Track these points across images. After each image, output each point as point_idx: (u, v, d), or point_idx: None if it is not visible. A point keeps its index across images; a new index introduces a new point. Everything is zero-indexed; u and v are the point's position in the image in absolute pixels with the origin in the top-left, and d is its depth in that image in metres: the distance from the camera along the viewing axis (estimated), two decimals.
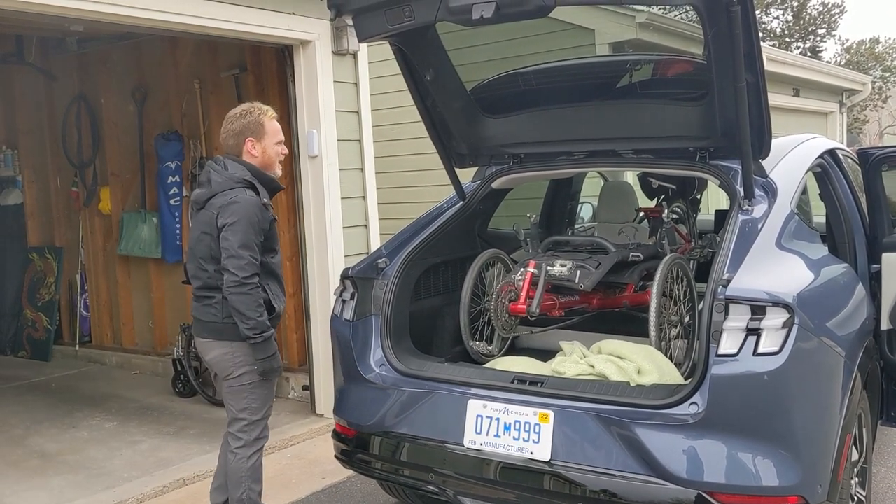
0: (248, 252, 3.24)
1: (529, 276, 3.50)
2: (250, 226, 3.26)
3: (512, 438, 3.00)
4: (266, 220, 3.33)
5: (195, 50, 6.47)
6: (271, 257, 3.42)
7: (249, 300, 3.23)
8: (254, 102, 3.52)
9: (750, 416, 2.69)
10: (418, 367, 3.37)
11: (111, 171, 7.28)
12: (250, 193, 3.31)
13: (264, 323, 3.28)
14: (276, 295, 3.43)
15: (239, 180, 3.33)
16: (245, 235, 3.24)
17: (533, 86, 3.74)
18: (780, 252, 3.05)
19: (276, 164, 3.50)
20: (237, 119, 3.42)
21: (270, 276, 3.41)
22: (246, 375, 3.39)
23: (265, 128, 3.42)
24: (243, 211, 3.26)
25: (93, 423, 5.73)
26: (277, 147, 3.48)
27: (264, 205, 3.32)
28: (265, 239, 3.35)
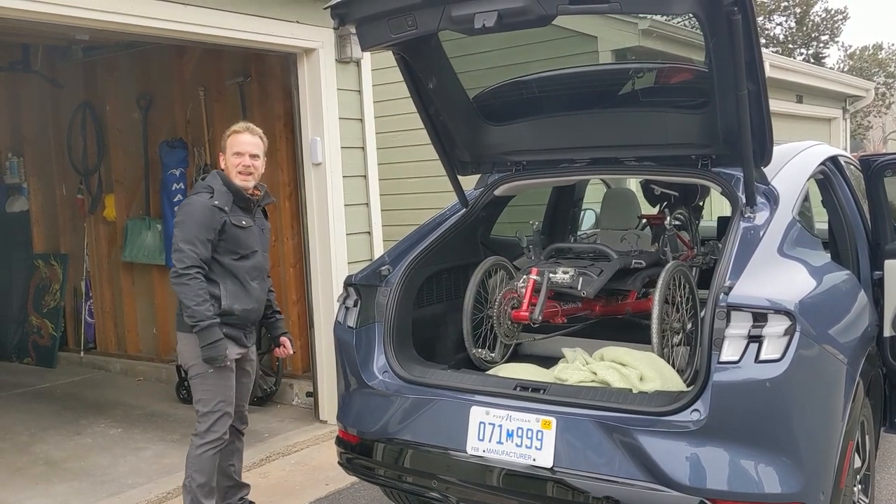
0: (189, 246, 3.53)
1: (532, 283, 3.51)
2: (195, 224, 3.56)
3: (515, 445, 3.01)
4: (217, 221, 3.60)
5: (200, 58, 6.50)
6: (234, 259, 3.69)
7: (187, 290, 3.52)
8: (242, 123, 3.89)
9: (752, 424, 2.69)
10: (421, 373, 3.38)
11: (116, 179, 7.31)
12: (204, 196, 3.64)
13: (202, 312, 3.51)
14: (233, 294, 3.67)
15: (205, 186, 3.69)
16: (188, 231, 3.55)
17: (535, 93, 3.75)
18: (781, 259, 3.05)
19: (233, 174, 3.72)
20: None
21: (229, 277, 3.68)
22: (195, 367, 3.66)
23: (226, 143, 3.76)
24: (190, 209, 3.62)
25: (97, 429, 5.75)
26: (233, 159, 3.73)
27: (216, 206, 3.60)
28: (223, 240, 3.63)
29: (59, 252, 7.91)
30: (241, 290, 3.71)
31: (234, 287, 3.69)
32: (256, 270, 3.81)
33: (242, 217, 3.75)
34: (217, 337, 3.56)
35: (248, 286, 3.73)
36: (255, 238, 3.82)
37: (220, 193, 3.68)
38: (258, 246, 3.84)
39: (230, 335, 3.69)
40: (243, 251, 3.73)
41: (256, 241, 3.83)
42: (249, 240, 3.77)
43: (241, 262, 3.72)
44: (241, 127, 3.81)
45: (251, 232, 3.79)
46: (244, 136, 3.76)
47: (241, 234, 3.71)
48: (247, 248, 3.75)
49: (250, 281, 3.76)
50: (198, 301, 3.53)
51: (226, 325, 3.65)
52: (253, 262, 3.79)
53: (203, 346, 3.56)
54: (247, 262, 3.75)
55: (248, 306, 3.74)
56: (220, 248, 3.65)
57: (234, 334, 3.73)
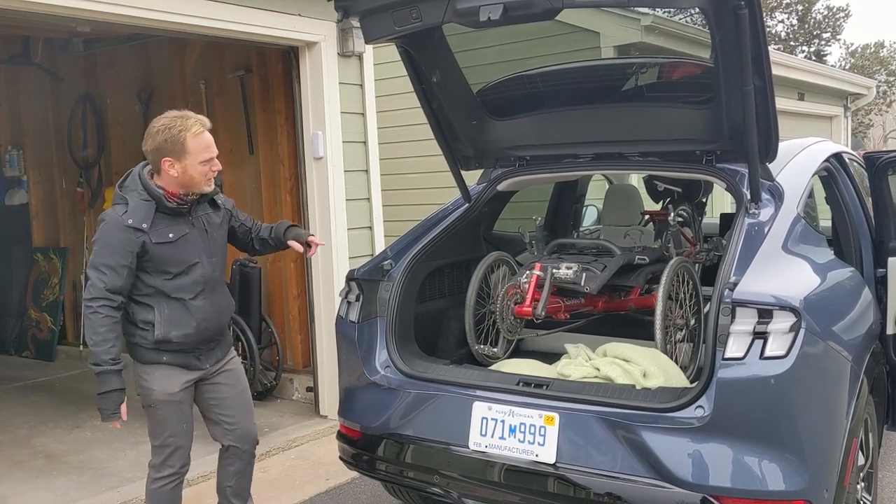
0: (96, 274, 3.03)
1: (535, 279, 3.50)
2: (105, 247, 3.04)
3: (517, 441, 2.99)
4: (131, 242, 3.04)
5: (201, 51, 6.47)
6: (167, 279, 3.14)
7: (87, 324, 3.05)
8: (183, 112, 3.17)
9: (756, 420, 2.68)
10: (423, 369, 3.37)
11: (116, 172, 7.26)
12: (117, 211, 3.08)
13: (98, 355, 3.02)
14: (170, 320, 3.14)
15: (122, 196, 3.13)
16: (96, 256, 3.06)
17: (539, 88, 3.73)
18: (786, 256, 3.04)
19: (201, 183, 3.17)
20: (155, 135, 3.10)
21: (164, 299, 3.15)
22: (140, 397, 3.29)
23: (186, 146, 3.09)
24: (101, 229, 3.08)
25: (97, 423, 5.66)
26: (203, 167, 3.14)
27: (129, 227, 3.04)
28: (147, 261, 3.10)
29: (58, 246, 7.89)
30: (181, 313, 3.17)
31: (170, 311, 3.15)
32: (199, 285, 3.22)
33: (170, 228, 3.14)
34: (110, 387, 3.05)
35: (189, 307, 3.18)
36: (193, 247, 3.21)
37: (137, 208, 3.07)
38: (200, 255, 3.23)
39: (173, 362, 3.21)
40: (177, 269, 3.16)
41: (196, 250, 3.22)
42: (184, 253, 3.18)
43: (178, 280, 3.16)
44: (198, 123, 3.14)
45: (187, 242, 3.19)
46: (207, 134, 3.16)
47: (169, 251, 3.14)
48: (181, 264, 3.17)
49: (192, 300, 3.19)
50: (96, 340, 3.01)
51: (166, 352, 3.19)
52: (193, 277, 3.20)
53: (98, 393, 3.07)
54: (185, 279, 3.18)
55: (188, 330, 3.18)
56: (148, 268, 3.12)
57: (179, 361, 3.23)
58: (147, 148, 3.14)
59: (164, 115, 3.16)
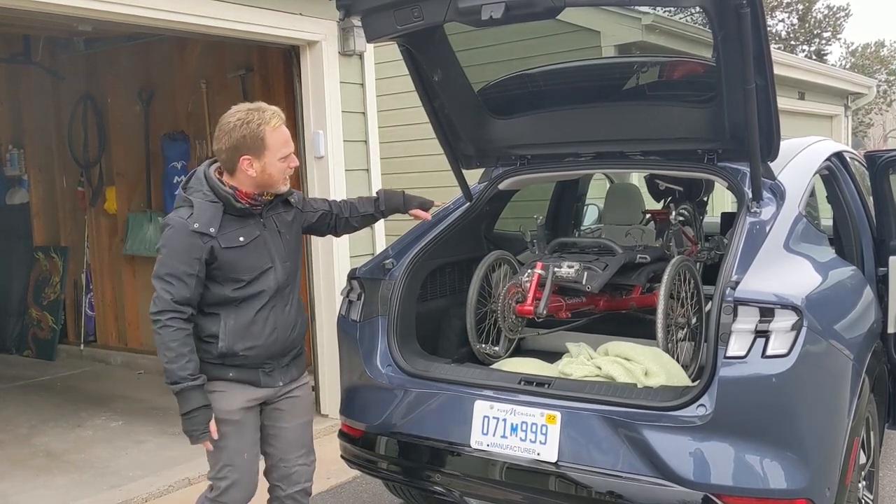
0: (162, 285, 2.74)
1: (537, 278, 3.50)
2: (171, 255, 2.75)
3: (519, 439, 2.99)
4: (198, 248, 2.74)
5: (202, 51, 6.48)
6: (237, 288, 2.85)
7: (157, 340, 2.76)
8: (257, 104, 2.86)
9: (758, 419, 2.68)
10: (425, 367, 3.37)
11: (117, 171, 7.30)
12: (181, 214, 2.78)
13: (174, 372, 2.72)
14: (236, 332, 2.85)
15: (183, 200, 2.83)
16: (162, 265, 2.76)
17: (541, 87, 3.74)
18: (788, 254, 3.04)
19: (280, 182, 2.90)
20: (231, 131, 2.79)
21: (232, 310, 2.86)
22: None
23: (266, 142, 2.79)
24: (167, 235, 2.78)
25: (98, 422, 5.74)
26: (282, 164, 2.86)
27: (196, 231, 2.73)
28: (215, 268, 2.80)
29: (59, 245, 7.89)
30: (249, 324, 2.87)
31: (237, 322, 2.85)
32: (271, 293, 2.91)
33: (240, 231, 2.85)
34: (195, 405, 2.76)
35: (258, 317, 2.88)
36: (265, 252, 2.91)
37: (203, 210, 2.78)
38: (272, 259, 2.93)
39: (239, 378, 2.90)
40: (248, 275, 2.86)
41: (269, 254, 2.92)
42: (255, 258, 2.88)
43: (249, 287, 2.86)
44: (276, 115, 2.84)
45: (258, 245, 2.89)
46: (285, 128, 2.86)
47: (240, 256, 2.84)
48: (253, 271, 2.87)
49: (262, 309, 2.90)
50: (169, 357, 2.72)
51: (232, 366, 2.89)
52: (264, 284, 2.89)
53: (181, 414, 2.78)
54: (256, 287, 2.88)
55: (256, 342, 2.88)
56: (216, 276, 2.82)
57: (245, 377, 2.91)
58: (221, 146, 2.82)
59: (236, 109, 2.84)
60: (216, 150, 2.86)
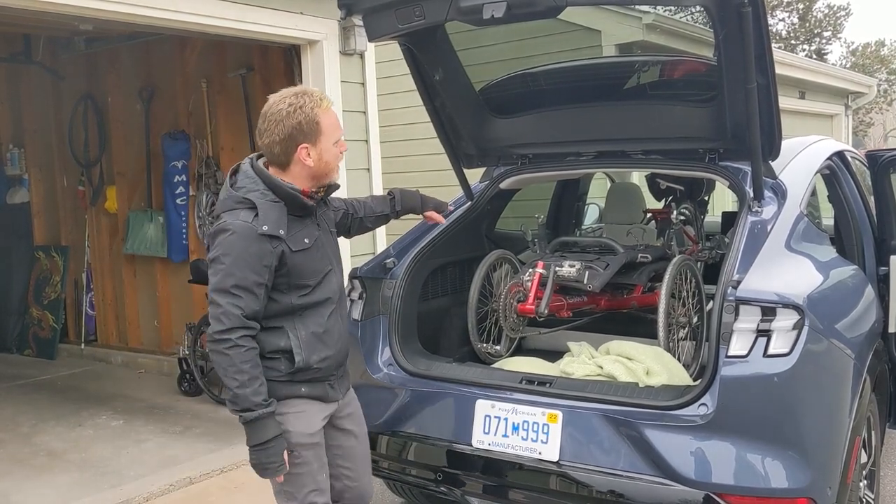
0: (229, 300, 2.42)
1: (538, 277, 3.50)
2: (237, 263, 2.42)
3: (520, 438, 2.99)
4: (268, 254, 2.46)
5: (203, 50, 6.47)
6: (303, 295, 2.58)
7: (225, 362, 2.42)
8: (300, 88, 2.59)
9: (760, 418, 2.68)
10: (426, 367, 3.36)
11: (117, 171, 7.29)
12: (243, 217, 2.47)
13: (246, 398, 2.41)
14: (309, 344, 2.58)
15: (241, 201, 2.50)
16: (225, 276, 2.43)
17: (542, 86, 3.73)
18: (789, 254, 3.04)
19: (335, 170, 2.62)
20: (285, 118, 2.50)
21: (300, 320, 2.58)
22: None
23: (321, 126, 2.52)
24: (226, 242, 2.44)
25: (99, 421, 5.74)
26: (336, 149, 2.59)
27: (265, 235, 2.45)
28: (282, 275, 2.52)
29: (59, 244, 7.89)
30: (322, 333, 2.61)
31: (307, 333, 2.58)
32: (335, 297, 2.68)
33: (303, 232, 2.57)
34: (270, 434, 2.46)
35: (326, 325, 2.63)
36: (325, 252, 2.66)
37: (268, 210, 2.48)
38: (331, 261, 2.70)
39: (311, 394, 2.62)
40: (314, 280, 2.60)
41: (327, 254, 2.68)
42: (319, 260, 2.62)
43: (314, 294, 2.60)
44: (325, 96, 2.57)
45: (319, 246, 2.63)
46: (333, 110, 2.60)
47: (307, 260, 2.57)
48: (317, 275, 2.61)
49: (330, 315, 2.65)
50: (241, 381, 2.40)
51: (303, 382, 2.60)
52: (328, 289, 2.65)
53: (251, 446, 2.47)
54: (321, 292, 2.62)
55: (329, 352, 2.64)
56: (281, 285, 2.53)
57: (317, 392, 2.64)
58: (274, 138, 2.52)
59: (281, 96, 2.55)
60: (266, 143, 2.55)
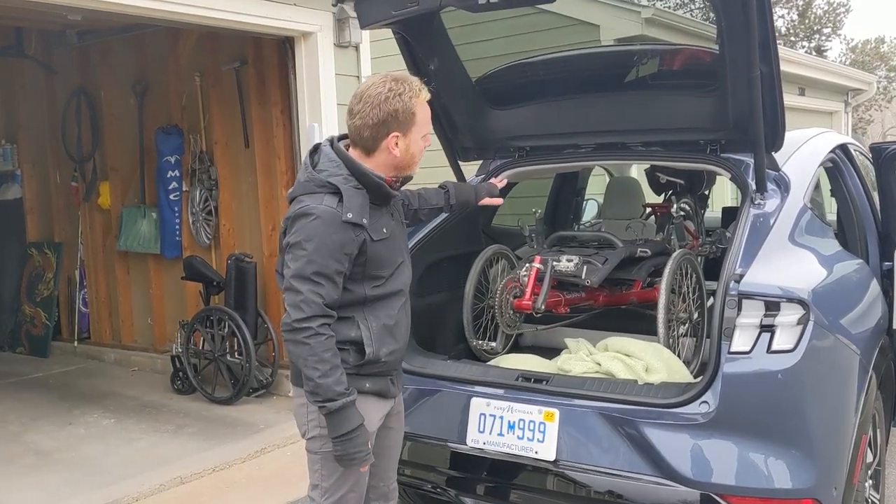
0: (309, 286, 2.32)
1: (535, 272, 3.41)
2: (319, 250, 2.33)
3: (516, 437, 2.92)
4: (351, 242, 2.37)
5: (196, 43, 6.39)
6: (377, 286, 2.49)
7: (305, 352, 2.33)
8: (399, 74, 2.48)
9: (763, 416, 2.60)
10: (421, 364, 3.28)
11: (111, 166, 7.21)
12: (327, 202, 2.37)
13: (330, 387, 2.32)
14: (380, 336, 2.48)
15: (323, 184, 2.39)
16: (308, 263, 2.33)
17: (540, 76, 3.65)
18: (793, 247, 2.96)
19: (417, 164, 2.53)
20: (382, 103, 2.38)
21: (371, 311, 2.49)
22: (317, 440, 2.52)
23: (416, 117, 2.43)
24: (312, 229, 2.34)
25: (90, 419, 5.66)
26: (423, 143, 2.50)
27: (349, 222, 2.35)
28: (359, 264, 2.43)
29: (52, 240, 7.81)
30: (393, 325, 2.53)
31: (378, 325, 2.49)
32: (405, 289, 2.61)
33: (381, 222, 2.48)
34: (356, 422, 2.38)
35: (395, 317, 2.54)
36: (398, 243, 2.59)
37: (352, 197, 2.38)
38: (403, 253, 2.63)
39: (373, 390, 2.51)
40: (388, 271, 2.51)
41: (400, 247, 2.60)
42: (394, 251, 2.54)
43: (387, 285, 2.51)
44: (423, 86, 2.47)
45: (395, 236, 2.55)
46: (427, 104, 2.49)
47: (384, 250, 2.49)
48: (392, 265, 2.53)
49: (400, 308, 2.57)
50: (323, 370, 2.32)
51: (369, 376, 2.50)
52: (400, 281, 2.57)
53: (335, 436, 2.38)
54: (393, 284, 2.54)
55: (397, 345, 2.56)
56: (357, 275, 2.44)
57: (379, 387, 2.54)
58: (367, 121, 2.40)
59: (380, 79, 2.43)
60: (357, 125, 2.44)
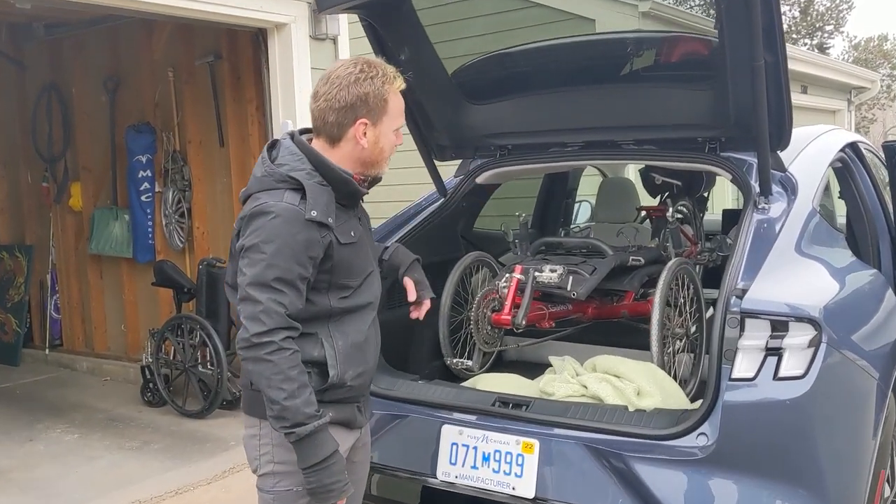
0: (269, 295, 2.02)
1: (516, 283, 3.10)
2: (281, 252, 2.03)
3: (491, 471, 2.60)
4: (316, 243, 2.08)
5: (169, 37, 6.10)
6: (344, 297, 2.18)
7: (268, 370, 2.01)
8: (378, 60, 2.23)
9: (769, 451, 2.30)
10: (388, 385, 2.96)
11: (82, 166, 6.90)
12: (288, 199, 2.08)
13: (298, 410, 2.00)
14: (347, 355, 2.17)
15: (284, 179, 2.11)
16: (268, 267, 2.02)
17: (522, 68, 3.33)
18: (802, 258, 2.64)
19: (384, 162, 2.24)
20: (352, 84, 2.12)
21: (338, 326, 2.18)
22: (270, 478, 2.17)
23: (388, 105, 2.16)
24: (271, 229, 2.04)
25: (53, 435, 5.35)
26: (393, 138, 2.22)
27: (314, 221, 2.07)
28: (325, 271, 2.13)
29: (23, 243, 7.51)
30: (362, 343, 2.22)
31: (345, 343, 2.17)
32: (375, 303, 2.30)
33: (349, 224, 2.19)
34: (330, 448, 2.06)
35: (364, 335, 2.23)
36: (367, 250, 2.28)
37: (317, 194, 2.10)
38: (373, 261, 2.33)
39: (338, 419, 2.17)
40: (357, 280, 2.21)
41: (370, 253, 2.31)
42: (363, 258, 2.24)
43: (355, 297, 2.21)
44: (399, 74, 2.21)
45: (363, 242, 2.25)
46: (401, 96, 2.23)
47: (353, 256, 2.19)
48: (361, 274, 2.23)
49: (372, 325, 2.28)
50: (289, 390, 2.00)
51: (331, 403, 2.15)
52: (370, 293, 2.27)
53: (305, 466, 2.04)
54: (363, 296, 2.23)
55: (364, 367, 2.24)
56: (321, 283, 2.14)
57: (345, 416, 2.22)
58: (333, 103, 2.12)
59: (352, 60, 2.19)
60: (321, 108, 2.15)
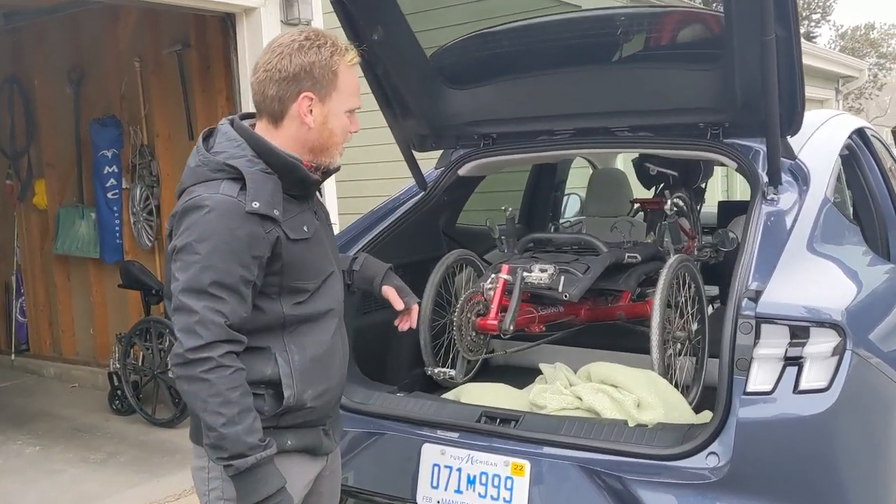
0: (206, 302, 1.75)
1: (502, 284, 2.84)
2: (217, 251, 1.77)
3: (477, 495, 2.35)
4: (260, 240, 1.81)
5: (135, 25, 5.78)
6: (298, 302, 1.91)
7: (204, 391, 1.74)
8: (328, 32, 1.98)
9: (789, 473, 2.06)
10: (363, 399, 2.70)
11: (46, 162, 6.55)
12: (225, 190, 1.81)
13: (239, 439, 1.74)
14: (304, 372, 1.90)
15: (220, 168, 1.84)
16: (203, 270, 1.76)
17: (506, 49, 3.06)
18: (819, 254, 2.40)
19: (338, 147, 1.97)
20: (295, 52, 1.87)
21: (294, 337, 1.91)
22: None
23: (338, 80, 1.90)
24: (205, 226, 1.78)
25: (13, 447, 5.03)
26: (346, 120, 1.96)
27: (256, 213, 1.80)
28: (274, 273, 1.86)
29: None
30: (319, 355, 1.94)
31: (303, 358, 1.91)
32: (337, 309, 2.03)
33: (301, 218, 1.92)
34: (275, 486, 1.79)
35: (326, 347, 1.97)
36: (325, 249, 2.01)
37: (260, 183, 1.83)
38: (332, 261, 2.04)
39: (299, 447, 1.93)
40: (313, 282, 1.94)
41: (329, 252, 2.04)
42: (318, 256, 1.97)
43: (313, 302, 1.94)
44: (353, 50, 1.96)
45: (319, 239, 1.98)
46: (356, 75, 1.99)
47: (306, 254, 1.92)
48: (318, 276, 1.96)
49: (335, 335, 2.00)
50: (229, 415, 1.74)
51: (290, 428, 1.91)
52: (330, 298, 2.00)
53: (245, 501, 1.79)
54: (322, 301, 1.96)
55: (329, 384, 1.98)
56: (270, 287, 1.88)
57: (307, 443, 1.96)
58: (274, 74, 1.86)
59: (298, 30, 1.96)
60: (260, 80, 1.89)
